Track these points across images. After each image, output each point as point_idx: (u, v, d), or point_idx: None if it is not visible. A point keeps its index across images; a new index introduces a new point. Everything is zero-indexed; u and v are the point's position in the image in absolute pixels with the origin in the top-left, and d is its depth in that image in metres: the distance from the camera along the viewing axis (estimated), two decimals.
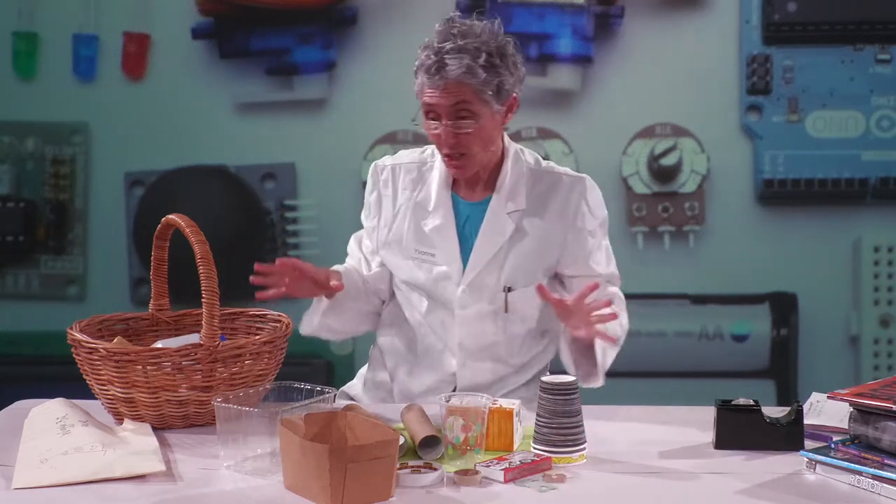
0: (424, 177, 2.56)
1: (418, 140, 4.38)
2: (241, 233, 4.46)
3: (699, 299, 4.39)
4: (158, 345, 2.33)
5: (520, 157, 2.54)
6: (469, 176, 2.48)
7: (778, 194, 4.37)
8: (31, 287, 4.53)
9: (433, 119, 2.40)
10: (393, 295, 2.65)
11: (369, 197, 2.63)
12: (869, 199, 4.37)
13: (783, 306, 4.37)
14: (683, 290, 4.39)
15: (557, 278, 2.58)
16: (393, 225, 2.58)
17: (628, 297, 2.63)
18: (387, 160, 2.63)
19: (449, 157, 2.43)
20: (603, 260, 2.56)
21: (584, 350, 2.46)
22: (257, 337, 2.29)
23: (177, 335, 2.43)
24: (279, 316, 2.44)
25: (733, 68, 4.38)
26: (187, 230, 2.20)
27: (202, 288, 2.17)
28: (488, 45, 2.37)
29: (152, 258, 2.39)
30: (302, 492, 1.87)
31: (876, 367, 4.38)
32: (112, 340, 2.34)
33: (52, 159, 4.50)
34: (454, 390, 2.53)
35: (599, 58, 4.38)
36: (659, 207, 4.41)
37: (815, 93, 4.36)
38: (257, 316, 2.49)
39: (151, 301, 2.46)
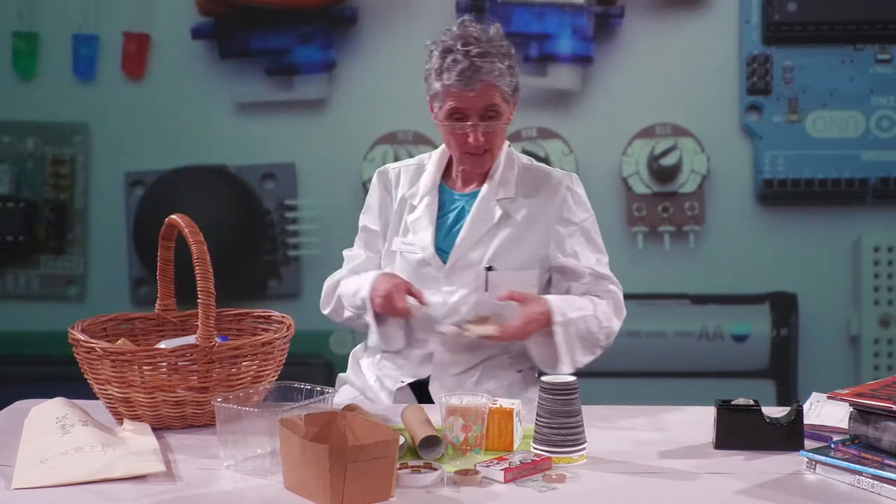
0: (420, 173, 2.70)
1: (418, 140, 4.38)
2: (241, 233, 4.46)
3: (699, 299, 4.39)
4: (162, 345, 2.32)
5: (513, 154, 2.70)
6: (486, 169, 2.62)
7: (778, 194, 4.37)
8: (31, 287, 4.53)
9: (459, 120, 2.53)
10: None
11: (371, 200, 2.75)
12: (869, 199, 4.37)
13: (783, 306, 4.37)
14: (683, 290, 4.39)
15: (558, 271, 2.66)
16: (391, 227, 2.71)
17: (628, 297, 2.65)
18: (391, 165, 2.77)
19: (473, 155, 2.57)
20: (591, 256, 2.64)
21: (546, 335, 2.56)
22: (255, 338, 2.28)
23: (183, 335, 2.42)
24: (283, 317, 2.43)
25: (733, 68, 4.37)
26: (186, 230, 2.19)
27: (198, 288, 2.16)
28: (506, 49, 2.53)
29: (158, 258, 2.39)
30: (302, 492, 1.87)
31: (876, 367, 4.38)
32: (116, 340, 2.34)
33: (52, 159, 4.50)
34: (429, 376, 2.62)
35: (599, 58, 4.38)
36: (659, 207, 4.41)
37: (815, 93, 4.35)
38: (263, 317, 2.48)
39: (158, 301, 2.45)
